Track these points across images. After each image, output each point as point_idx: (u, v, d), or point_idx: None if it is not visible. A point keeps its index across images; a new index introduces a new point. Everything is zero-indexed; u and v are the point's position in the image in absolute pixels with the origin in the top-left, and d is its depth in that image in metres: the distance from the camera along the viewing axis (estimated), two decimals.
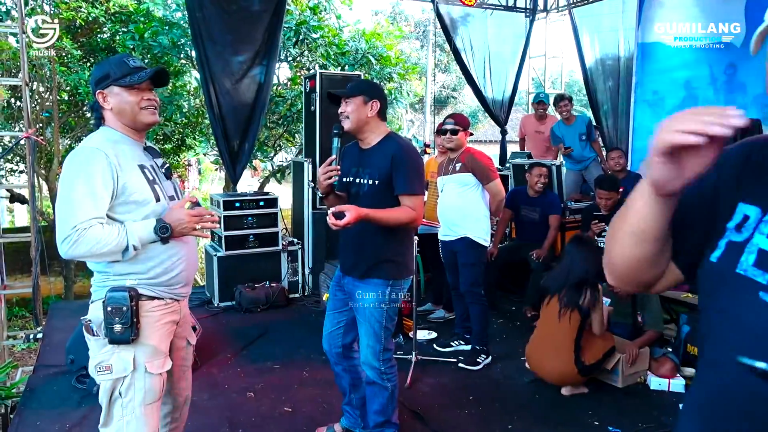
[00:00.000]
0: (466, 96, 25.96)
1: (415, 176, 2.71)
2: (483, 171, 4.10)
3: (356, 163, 2.81)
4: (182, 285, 2.26)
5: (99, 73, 2.17)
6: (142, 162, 2.18)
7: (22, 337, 6.15)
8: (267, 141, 9.78)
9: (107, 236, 2.00)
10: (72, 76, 7.85)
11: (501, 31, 8.82)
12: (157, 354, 2.17)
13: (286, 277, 5.95)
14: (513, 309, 5.57)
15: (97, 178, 2.01)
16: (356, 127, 2.76)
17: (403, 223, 2.68)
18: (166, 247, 2.15)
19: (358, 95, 2.74)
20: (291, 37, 8.54)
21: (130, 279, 2.13)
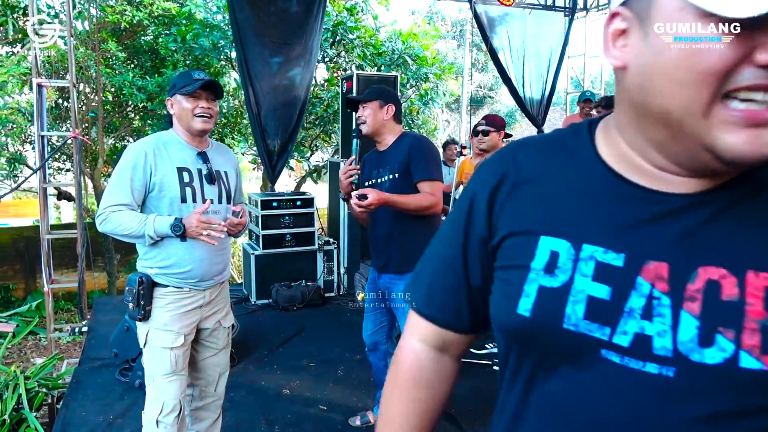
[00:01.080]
0: (503, 95, 25.75)
1: (432, 163, 2.82)
2: None
3: (376, 165, 2.96)
4: (197, 279, 2.49)
5: (171, 84, 2.52)
6: (186, 165, 2.44)
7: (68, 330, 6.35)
8: (304, 141, 9.87)
9: (129, 222, 2.31)
10: (116, 78, 8.05)
11: (539, 30, 8.72)
12: (165, 331, 2.44)
13: (322, 276, 6.00)
14: None
15: (131, 172, 2.34)
16: (373, 130, 2.91)
17: (423, 208, 2.75)
18: (181, 245, 2.41)
19: (374, 100, 2.91)
20: (328, 38, 8.59)
21: (152, 268, 2.44)
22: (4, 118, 6.92)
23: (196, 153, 2.48)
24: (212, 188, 2.50)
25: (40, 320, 8.43)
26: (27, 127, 7.83)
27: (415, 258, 2.83)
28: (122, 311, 4.78)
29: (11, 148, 8.31)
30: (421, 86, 9.52)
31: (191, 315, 2.51)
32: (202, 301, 2.53)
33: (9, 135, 7.61)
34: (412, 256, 2.74)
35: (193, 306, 2.51)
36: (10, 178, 8.78)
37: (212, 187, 2.50)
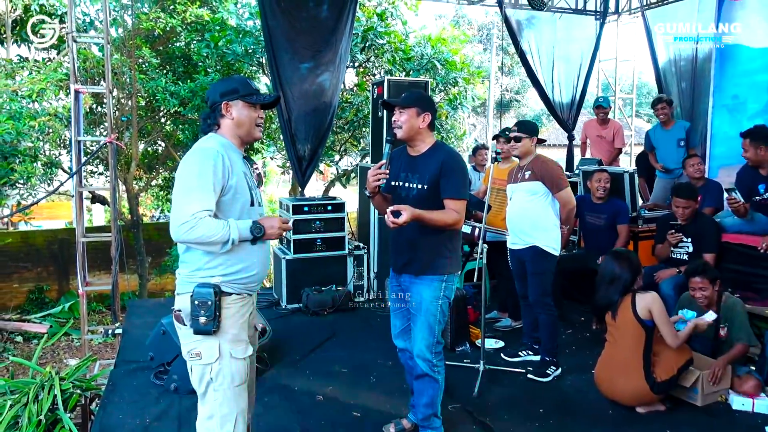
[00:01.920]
0: (530, 99, 25.55)
1: (462, 183, 2.94)
2: (553, 179, 4.01)
3: (405, 168, 3.04)
4: (258, 283, 2.50)
5: (226, 87, 2.47)
6: (244, 169, 2.46)
7: (101, 331, 6.43)
8: (333, 145, 9.90)
9: (215, 228, 2.25)
10: (150, 83, 8.16)
11: (569, 34, 8.63)
12: (238, 341, 2.41)
13: (352, 281, 5.99)
14: (582, 320, 5.42)
15: (212, 175, 2.27)
16: (408, 136, 2.98)
17: (447, 225, 2.89)
18: (251, 248, 2.39)
19: (412, 106, 2.95)
20: (358, 43, 8.61)
21: (216, 278, 2.36)
22: (42, 124, 7.05)
23: (241, 156, 2.50)
24: (259, 192, 2.55)
25: (73, 321, 8.58)
26: (63, 131, 7.97)
27: (434, 263, 2.93)
28: (156, 314, 4.83)
29: (48, 153, 8.46)
30: (449, 90, 9.48)
31: (249, 322, 2.51)
32: (252, 307, 2.55)
33: (46, 140, 7.75)
34: (432, 260, 2.97)
35: (249, 312, 2.51)
36: (46, 182, 8.94)
37: (257, 190, 2.54)
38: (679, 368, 3.55)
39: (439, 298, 2.98)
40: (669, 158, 6.47)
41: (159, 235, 11.08)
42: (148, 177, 10.83)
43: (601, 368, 3.71)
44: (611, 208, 5.22)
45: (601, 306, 3.67)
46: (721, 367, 3.67)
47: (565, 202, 4.03)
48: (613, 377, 3.60)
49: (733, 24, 6.24)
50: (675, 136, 6.45)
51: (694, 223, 4.65)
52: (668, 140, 6.49)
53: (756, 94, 6.16)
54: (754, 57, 6.17)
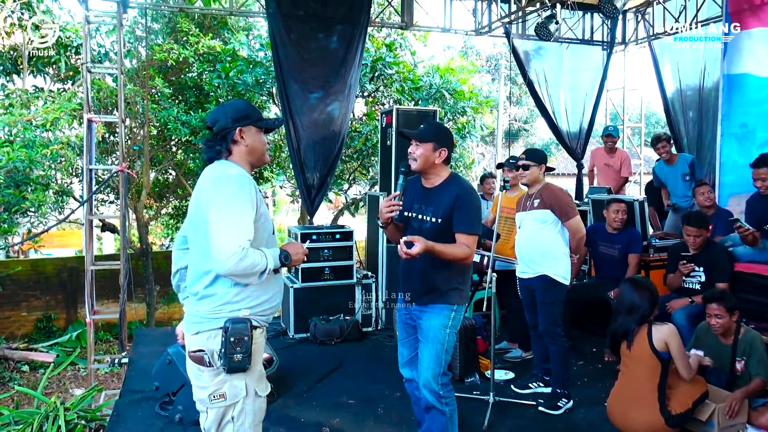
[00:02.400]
0: (539, 128, 25.63)
1: (475, 217, 2.94)
2: (562, 207, 3.98)
3: (419, 200, 3.05)
4: (275, 313, 2.45)
5: (238, 113, 2.38)
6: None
7: (107, 361, 6.40)
8: (342, 174, 9.94)
9: (259, 257, 2.19)
10: (162, 113, 8.26)
11: (577, 64, 8.69)
12: (262, 377, 2.37)
13: (360, 311, 5.95)
14: (594, 350, 5.33)
15: (250, 204, 2.21)
16: (422, 169, 3.00)
17: (458, 259, 2.89)
18: (275, 278, 2.36)
19: (429, 141, 2.97)
20: (367, 73, 8.71)
21: (243, 311, 2.26)
22: (55, 153, 7.13)
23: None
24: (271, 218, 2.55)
25: (80, 351, 8.54)
26: (75, 160, 8.05)
27: (444, 294, 2.93)
28: (163, 343, 4.79)
29: (59, 181, 8.54)
30: (458, 120, 9.53)
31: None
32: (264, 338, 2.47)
33: (59, 169, 7.84)
34: (443, 291, 2.96)
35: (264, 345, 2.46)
36: (57, 210, 9.01)
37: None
38: (694, 401, 3.46)
39: (447, 327, 2.96)
40: (677, 193, 6.46)
41: (168, 264, 11.00)
42: (158, 205, 10.88)
43: (614, 400, 3.62)
44: (626, 237, 5.16)
45: (617, 335, 3.58)
46: (738, 400, 3.58)
47: (575, 230, 3.99)
48: (626, 409, 3.51)
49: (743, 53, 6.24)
50: (679, 172, 6.45)
51: (706, 252, 4.60)
52: (674, 176, 6.49)
53: (765, 122, 6.13)
54: (763, 86, 6.16)
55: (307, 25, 6.49)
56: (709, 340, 3.87)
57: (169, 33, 8.97)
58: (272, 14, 6.42)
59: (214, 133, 2.38)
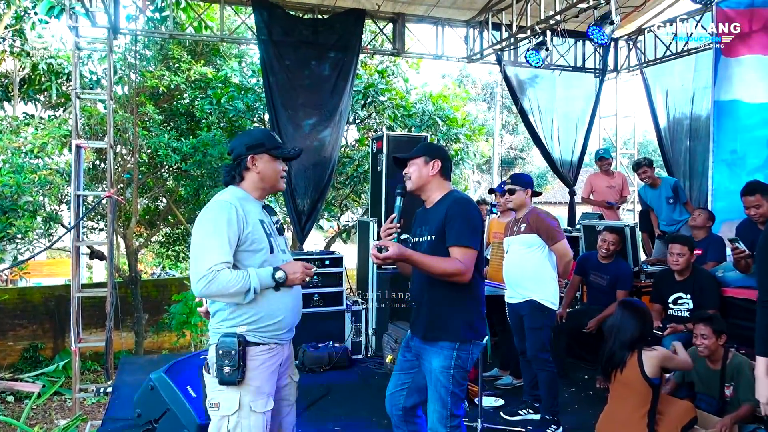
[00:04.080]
0: (535, 157, 25.87)
1: (467, 228, 2.69)
2: (548, 231, 4.04)
3: (420, 223, 2.92)
4: (285, 330, 2.51)
5: (252, 141, 2.57)
6: (262, 218, 2.52)
7: (92, 390, 6.35)
8: (334, 201, 10.00)
9: (234, 279, 2.31)
10: (153, 140, 8.35)
11: (570, 92, 8.84)
12: (260, 394, 2.43)
13: (350, 338, 5.95)
14: (585, 378, 5.33)
15: (227, 227, 2.35)
16: (418, 186, 2.87)
17: (447, 274, 2.64)
18: (274, 295, 2.44)
19: (419, 156, 2.87)
20: (359, 99, 8.84)
21: (240, 327, 2.42)
22: (43, 178, 7.20)
23: (261, 206, 2.58)
24: (281, 238, 2.61)
25: (67, 380, 8.48)
26: (64, 187, 8.12)
27: (440, 327, 2.76)
28: (149, 371, 4.77)
29: (48, 207, 8.59)
30: (451, 147, 9.64)
31: (275, 374, 2.51)
32: (282, 358, 2.54)
33: (47, 195, 7.90)
34: (441, 323, 2.73)
35: (277, 364, 2.51)
36: (45, 237, 9.04)
37: (280, 238, 2.61)
38: (683, 427, 3.47)
39: (450, 368, 2.71)
40: (662, 217, 6.56)
41: (157, 293, 11.07)
42: (148, 233, 10.92)
43: (603, 425, 3.63)
44: (615, 270, 5.19)
45: (608, 360, 3.59)
46: (727, 426, 3.59)
47: (562, 254, 4.04)
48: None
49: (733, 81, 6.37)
50: (663, 195, 6.54)
51: (692, 279, 4.64)
52: (658, 199, 6.58)
53: (756, 149, 6.24)
54: (753, 113, 6.28)
55: (299, 52, 6.63)
56: (698, 365, 3.89)
57: (161, 60, 9.12)
58: (264, 41, 6.55)
59: (232, 159, 2.58)
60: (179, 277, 11.97)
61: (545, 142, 8.61)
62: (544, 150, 8.62)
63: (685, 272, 4.65)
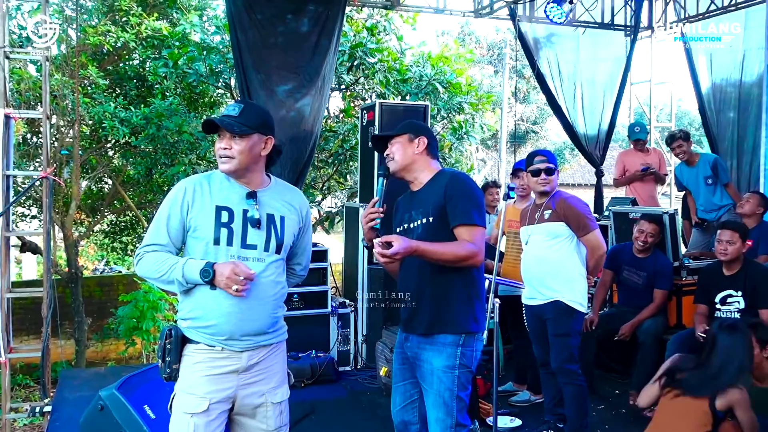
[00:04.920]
0: (549, 130, 25.95)
1: (472, 205, 2.84)
2: (579, 219, 4.03)
3: (407, 208, 3.03)
4: (225, 338, 2.53)
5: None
6: (229, 204, 2.59)
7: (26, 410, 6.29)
8: (314, 183, 9.94)
9: (159, 265, 2.51)
10: (96, 109, 8.22)
11: (596, 53, 8.82)
12: (189, 394, 2.54)
13: (336, 346, 5.96)
14: (616, 393, 5.38)
15: (169, 209, 2.58)
16: (402, 166, 2.97)
17: (460, 258, 2.78)
18: (209, 294, 2.51)
19: (402, 134, 2.99)
20: (344, 61, 8.76)
21: (186, 320, 2.58)
22: None
23: (245, 192, 2.61)
24: (257, 233, 2.61)
25: None
26: None
27: (448, 317, 2.83)
28: (94, 387, 4.73)
29: None
30: (453, 118, 9.60)
31: (223, 380, 2.56)
32: (237, 365, 2.57)
33: None
34: (446, 315, 2.85)
35: (227, 370, 2.56)
36: None
37: (257, 231, 2.61)
38: None
39: (454, 367, 2.84)
40: (699, 200, 6.58)
41: (102, 293, 10.98)
42: (90, 221, 10.81)
43: None
44: (653, 265, 5.19)
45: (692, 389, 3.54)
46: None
47: (594, 246, 4.03)
48: None
49: None
50: (701, 174, 6.55)
51: (744, 274, 4.64)
52: (695, 179, 6.59)
53: None
54: None
55: (273, 4, 6.53)
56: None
57: (106, 12, 8.97)
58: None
59: None
60: (127, 274, 11.85)
61: (567, 112, 8.60)
62: (566, 122, 8.61)
63: (735, 265, 4.66)
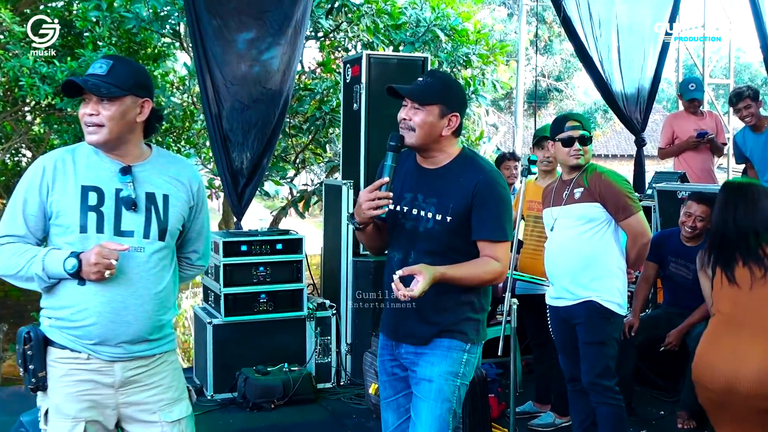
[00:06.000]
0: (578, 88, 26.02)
1: (505, 217, 2.94)
2: (618, 199, 4.03)
3: (413, 186, 3.01)
4: (95, 342, 2.58)
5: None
6: (97, 183, 2.62)
7: None
8: (286, 154, 9.90)
9: (13, 259, 2.55)
10: (11, 63, 8.13)
11: None
12: (57, 414, 2.58)
13: (313, 358, 5.96)
14: (661, 414, 5.41)
15: (25, 193, 2.61)
16: (423, 144, 2.96)
17: (485, 283, 2.95)
18: (78, 289, 2.55)
19: (434, 103, 2.90)
20: (323, 3, 8.70)
21: (48, 318, 2.63)
22: None
23: (118, 168, 2.64)
24: (134, 216, 2.64)
25: None
26: None
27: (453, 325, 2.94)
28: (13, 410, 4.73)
29: None
30: (458, 74, 9.56)
31: (96, 396, 2.61)
32: (111, 379, 2.61)
33: None
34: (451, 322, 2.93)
35: (99, 383, 2.60)
36: None
37: (134, 215, 2.64)
38: None
39: (457, 376, 2.95)
40: (766, 177, 6.58)
41: (20, 292, 10.93)
42: (4, 203, 10.74)
43: (709, 342, 3.67)
44: None
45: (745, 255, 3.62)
46: None
47: (636, 233, 4.04)
48: (735, 350, 3.49)
49: None
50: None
51: None
52: (762, 149, 6.59)
53: None
54: None
55: None
56: None
57: None
58: None
59: None
60: None
61: (600, 65, 8.56)
62: (598, 78, 8.57)
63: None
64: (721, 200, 3.75)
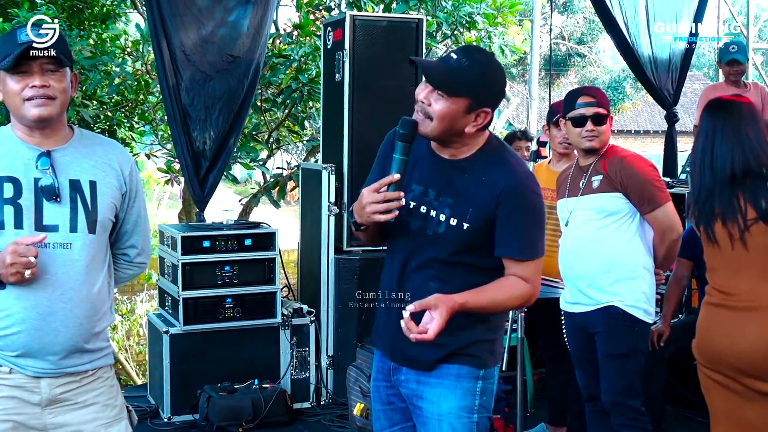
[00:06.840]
0: (603, 53, 26.04)
1: (538, 230, 2.84)
2: (643, 188, 4.05)
3: (424, 178, 2.89)
4: (17, 354, 2.61)
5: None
6: (13, 173, 2.65)
7: None
8: (257, 132, 9.90)
9: None
10: None
11: None
12: None
13: (289, 373, 5.99)
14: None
15: None
16: (442, 137, 2.80)
17: (513, 308, 3.04)
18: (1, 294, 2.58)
19: (463, 95, 2.71)
20: None
21: None
22: None
23: (37, 154, 2.67)
24: (57, 208, 2.67)
25: None
26: None
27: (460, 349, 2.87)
28: None
29: None
30: (461, 37, 9.57)
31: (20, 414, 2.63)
32: (38, 396, 2.65)
33: None
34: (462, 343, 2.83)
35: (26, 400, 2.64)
36: None
37: (57, 206, 2.66)
38: None
39: (473, 410, 2.86)
40: None
41: None
42: None
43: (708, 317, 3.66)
44: None
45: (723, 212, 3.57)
46: None
47: (665, 227, 4.06)
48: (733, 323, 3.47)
49: None
50: None
51: None
52: None
53: None
54: None
55: None
56: None
57: None
58: None
59: None
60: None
61: (625, 27, 8.58)
62: (623, 41, 8.60)
63: None
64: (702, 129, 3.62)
